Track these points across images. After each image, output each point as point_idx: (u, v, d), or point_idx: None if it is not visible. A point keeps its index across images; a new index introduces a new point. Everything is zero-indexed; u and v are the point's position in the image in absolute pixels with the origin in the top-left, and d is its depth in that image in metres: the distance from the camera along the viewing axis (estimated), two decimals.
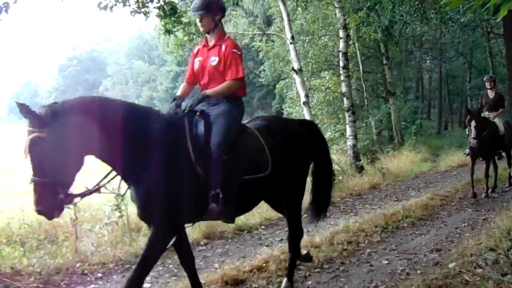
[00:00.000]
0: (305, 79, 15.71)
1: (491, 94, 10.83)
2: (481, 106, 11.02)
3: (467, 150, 10.63)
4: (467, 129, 10.35)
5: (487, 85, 10.95)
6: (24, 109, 3.38)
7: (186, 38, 13.69)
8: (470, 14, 21.05)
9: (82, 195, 3.83)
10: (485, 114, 10.47)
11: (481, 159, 10.24)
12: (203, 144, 4.21)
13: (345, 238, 6.81)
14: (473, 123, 9.61)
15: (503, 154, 10.76)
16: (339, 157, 14.97)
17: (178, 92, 4.85)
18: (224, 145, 4.21)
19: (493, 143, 10.16)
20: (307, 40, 22.34)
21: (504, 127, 10.53)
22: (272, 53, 25.98)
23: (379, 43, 22.74)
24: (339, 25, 15.19)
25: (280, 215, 8.75)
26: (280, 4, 13.63)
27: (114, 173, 4.00)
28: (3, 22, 9.17)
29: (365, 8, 17.66)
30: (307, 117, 13.04)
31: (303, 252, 5.52)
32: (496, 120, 10.44)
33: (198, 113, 4.38)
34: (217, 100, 4.56)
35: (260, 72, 36.16)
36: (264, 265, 5.75)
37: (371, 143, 21.31)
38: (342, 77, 15.08)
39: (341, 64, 14.91)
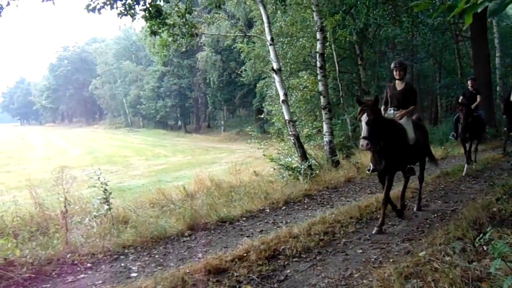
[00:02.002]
0: (284, 78, 15.70)
1: (399, 85, 7.98)
2: (386, 100, 8.16)
3: (371, 165, 7.70)
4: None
5: (396, 74, 7.93)
6: None
7: (170, 39, 13.57)
8: (440, 18, 21.31)
9: None
10: (391, 112, 7.90)
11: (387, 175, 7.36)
12: None
13: (322, 229, 6.82)
14: (364, 117, 6.57)
15: (415, 167, 8.07)
16: (316, 153, 15.02)
17: None
18: None
19: (400, 156, 7.25)
20: (286, 42, 22.37)
21: (416, 126, 8.03)
22: (253, 54, 26.05)
23: (354, 45, 22.88)
24: (316, 28, 15.16)
25: (260, 207, 8.84)
26: (261, 8, 13.58)
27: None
28: None
29: (341, 12, 17.76)
30: (286, 114, 13.04)
31: None
32: (404, 122, 7.66)
33: None
34: None
35: (241, 72, 36.16)
36: (245, 254, 5.75)
37: (346, 139, 21.30)
38: (319, 77, 15.05)
39: (318, 64, 14.88)
